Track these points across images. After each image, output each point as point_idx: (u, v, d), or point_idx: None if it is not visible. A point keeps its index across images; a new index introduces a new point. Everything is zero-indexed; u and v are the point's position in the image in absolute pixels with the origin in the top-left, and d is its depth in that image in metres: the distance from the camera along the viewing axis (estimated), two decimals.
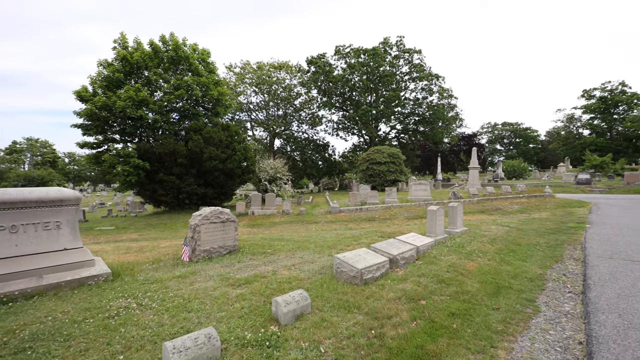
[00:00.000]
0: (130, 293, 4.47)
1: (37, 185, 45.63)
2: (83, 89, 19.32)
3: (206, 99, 22.84)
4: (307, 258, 6.42)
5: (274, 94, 38.62)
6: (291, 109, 41.04)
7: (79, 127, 19.47)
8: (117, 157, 19.16)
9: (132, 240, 11.86)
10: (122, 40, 20.84)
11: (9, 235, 4.64)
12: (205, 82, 21.85)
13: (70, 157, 67.33)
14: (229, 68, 38.96)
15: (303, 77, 38.44)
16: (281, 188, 24.37)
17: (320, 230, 12.27)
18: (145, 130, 21.48)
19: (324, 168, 40.58)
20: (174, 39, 21.85)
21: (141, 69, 20.98)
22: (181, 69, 22.82)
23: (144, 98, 19.25)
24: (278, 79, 38.73)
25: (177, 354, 2.60)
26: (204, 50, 23.52)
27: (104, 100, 18.40)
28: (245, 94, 38.85)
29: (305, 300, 3.69)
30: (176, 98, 21.05)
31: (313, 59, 36.21)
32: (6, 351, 3.05)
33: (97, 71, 20.39)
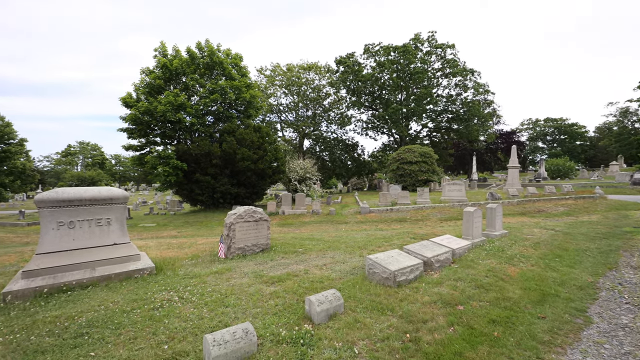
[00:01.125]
0: (172, 287, 4.74)
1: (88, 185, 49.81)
2: (128, 96, 20.79)
3: (239, 102, 23.61)
4: (338, 258, 6.42)
5: (303, 95, 39.03)
6: (320, 109, 41.24)
7: (124, 130, 20.98)
8: (158, 159, 20.41)
9: (171, 237, 12.57)
10: (162, 48, 22.15)
11: (68, 231, 5.11)
12: (238, 85, 22.59)
13: (116, 159, 72.79)
14: (260, 71, 39.99)
15: (332, 77, 38.47)
16: (310, 188, 24.58)
17: (350, 231, 12.21)
18: (183, 133, 22.66)
19: (352, 168, 40.33)
20: (209, 45, 22.82)
21: (179, 75, 22.15)
22: (216, 74, 23.78)
23: (182, 102, 20.31)
24: (307, 80, 39.10)
25: (217, 346, 2.71)
26: (236, 55, 24.33)
27: (147, 106, 19.67)
28: (275, 96, 39.67)
29: (338, 300, 3.70)
30: (211, 102, 21.99)
31: (342, 59, 36.12)
32: (68, 335, 3.36)
33: (140, 78, 21.84)
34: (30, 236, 14.31)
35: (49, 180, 59.19)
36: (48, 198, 4.93)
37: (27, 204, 35.19)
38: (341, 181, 47.90)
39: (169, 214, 22.50)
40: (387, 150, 40.69)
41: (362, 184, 42.50)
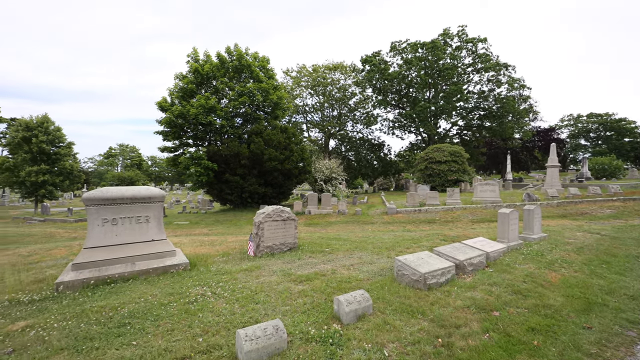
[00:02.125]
0: (205, 282, 4.94)
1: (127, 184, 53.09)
2: (163, 100, 21.91)
3: (266, 104, 24.10)
4: (365, 259, 6.36)
5: (329, 95, 39.08)
6: (345, 109, 41.08)
7: (160, 133, 22.14)
8: (190, 160, 21.35)
9: (203, 234, 13.08)
10: (194, 54, 23.12)
11: (111, 227, 5.48)
12: (265, 87, 23.06)
13: (152, 160, 77.01)
14: (286, 73, 40.54)
15: (357, 77, 38.19)
16: (336, 188, 24.56)
17: (377, 231, 12.06)
18: (213, 135, 23.52)
19: (379, 168, 39.79)
20: (238, 49, 23.50)
21: (210, 79, 23.01)
22: (244, 77, 24.44)
23: (213, 105, 21.08)
24: (333, 80, 39.10)
25: (249, 341, 2.79)
26: (263, 58, 24.84)
27: (180, 109, 20.63)
28: (301, 97, 40.05)
29: (367, 301, 3.67)
30: (240, 104, 22.63)
31: (368, 58, 35.75)
32: (112, 324, 3.60)
33: (175, 83, 22.94)
34: (77, 231, 15.49)
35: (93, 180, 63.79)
36: (94, 196, 5.31)
37: (74, 202, 38.16)
38: (367, 181, 47.45)
39: (200, 212, 23.43)
40: (415, 150, 39.74)
41: (388, 184, 41.83)
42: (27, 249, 9.56)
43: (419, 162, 27.49)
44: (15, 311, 4.28)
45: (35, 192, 25.56)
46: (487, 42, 33.41)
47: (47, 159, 25.97)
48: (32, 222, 20.11)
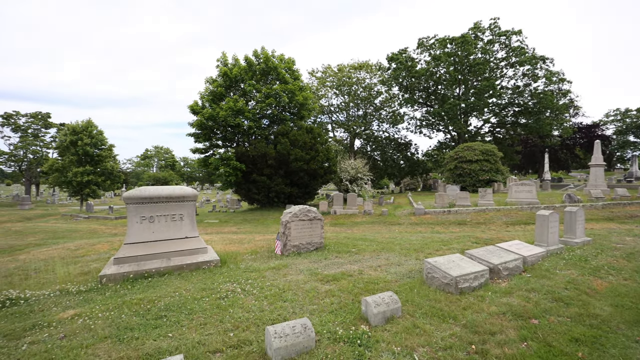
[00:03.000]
0: (235, 279, 5.09)
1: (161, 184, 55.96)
2: (195, 104, 22.85)
3: (292, 104, 24.40)
4: (392, 260, 6.26)
5: (354, 95, 38.82)
6: (371, 108, 40.60)
7: (192, 135, 23.11)
8: (220, 160, 22.10)
9: (232, 232, 13.48)
10: (223, 58, 23.90)
11: (149, 224, 5.80)
12: (291, 88, 23.35)
13: (184, 161, 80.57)
14: (312, 73, 40.77)
15: (383, 75, 37.60)
16: (362, 188, 24.34)
17: (404, 232, 11.81)
18: (241, 136, 24.18)
19: (405, 167, 38.93)
20: (265, 52, 23.98)
21: (238, 82, 23.68)
22: (270, 79, 24.90)
23: (241, 107, 21.68)
24: (358, 79, 38.79)
25: (278, 338, 2.84)
26: (289, 60, 25.16)
27: (210, 112, 21.41)
28: (326, 97, 40.09)
29: (396, 303, 3.60)
30: (266, 106, 23.09)
31: (394, 55, 35.09)
32: (150, 316, 3.81)
33: (205, 87, 23.85)
34: (117, 228, 16.55)
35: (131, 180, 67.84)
36: (134, 195, 5.65)
37: (115, 200, 40.80)
38: (393, 181, 46.60)
39: (229, 211, 24.17)
40: (444, 149, 38.47)
41: (415, 184, 40.82)
42: (74, 244, 10.36)
43: (448, 162, 26.57)
44: (65, 300, 4.65)
45: (81, 191, 27.62)
46: (522, 34, 31.61)
47: (91, 161, 27.98)
48: (78, 219, 21.75)
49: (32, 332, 3.53)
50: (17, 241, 12.38)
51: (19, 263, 7.54)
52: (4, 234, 14.09)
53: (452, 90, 34.82)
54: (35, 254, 8.87)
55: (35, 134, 45.92)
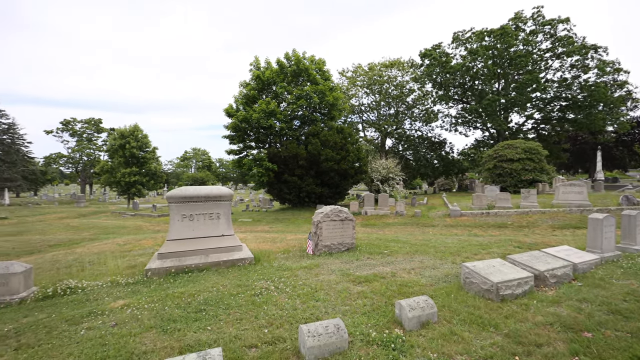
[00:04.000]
0: (268, 277, 5.22)
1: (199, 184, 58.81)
2: (230, 107, 23.76)
3: (322, 105, 24.52)
4: (427, 263, 6.06)
5: (385, 93, 38.14)
6: (403, 106, 39.65)
7: (227, 137, 24.05)
8: (253, 161, 22.79)
9: (264, 231, 13.83)
10: (256, 62, 24.61)
11: (189, 222, 6.12)
12: (322, 89, 23.47)
13: (220, 162, 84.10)
14: (342, 73, 40.67)
15: (416, 72, 36.54)
16: (393, 188, 23.84)
17: (438, 235, 11.39)
18: (273, 137, 24.74)
19: (439, 167, 37.52)
20: (296, 54, 24.34)
21: (270, 84, 24.25)
22: (301, 80, 25.21)
23: (273, 109, 22.18)
24: (389, 77, 38.06)
25: (311, 337, 2.87)
26: (320, 60, 25.31)
27: (244, 114, 22.14)
28: (356, 96, 39.78)
29: (431, 308, 3.49)
30: (298, 107, 23.42)
31: (427, 51, 33.97)
32: (190, 309, 4.02)
33: (239, 91, 24.70)
34: (160, 225, 17.65)
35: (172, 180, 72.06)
36: (175, 195, 6.00)
37: (157, 199, 43.54)
38: (426, 181, 45.15)
39: (261, 210, 24.83)
40: (481, 147, 36.55)
41: (450, 185, 39.21)
42: (122, 239, 11.22)
43: (486, 161, 25.21)
44: (115, 291, 5.05)
45: (128, 191, 29.84)
46: (570, 22, 29.15)
47: (137, 162, 30.11)
48: (126, 216, 23.51)
49: (88, 319, 3.87)
50: (74, 235, 13.66)
51: (76, 256, 8.32)
52: (64, 229, 15.60)
53: (491, 86, 32.99)
54: (90, 247, 9.73)
55: (89, 138, 50.43)
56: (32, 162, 41.64)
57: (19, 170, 35.61)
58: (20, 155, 36.87)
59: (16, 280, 4.83)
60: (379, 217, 16.90)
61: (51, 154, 51.33)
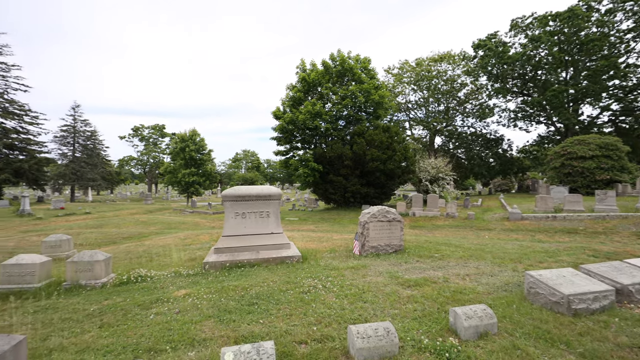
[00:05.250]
0: (316, 275, 5.30)
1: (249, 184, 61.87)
2: (277, 109, 24.62)
3: (368, 104, 24.23)
4: (483, 269, 5.65)
5: (434, 89, 36.37)
6: (454, 102, 37.44)
7: (274, 139, 24.97)
8: (299, 162, 23.36)
9: (310, 230, 14.07)
10: (302, 65, 25.16)
11: (241, 220, 6.47)
12: (367, 88, 23.19)
13: (267, 163, 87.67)
14: (387, 71, 39.69)
15: (468, 65, 34.26)
16: (444, 189, 22.65)
17: (495, 239, 10.55)
18: (319, 138, 25.09)
19: (496, 166, 34.70)
20: (341, 54, 24.38)
21: (316, 86, 24.61)
22: (347, 80, 25.18)
23: (319, 110, 22.49)
24: (439, 72, 36.22)
25: (361, 339, 2.84)
26: (365, 59, 25.03)
27: (291, 116, 22.79)
28: (403, 94, 38.54)
29: (490, 318, 3.24)
30: (343, 107, 23.44)
31: (481, 42, 31.62)
32: (244, 302, 4.24)
33: (286, 93, 25.48)
34: (214, 222, 18.92)
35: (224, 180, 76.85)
36: (229, 194, 6.38)
37: (212, 198, 46.73)
38: (480, 181, 42.12)
39: (307, 210, 25.31)
40: (545, 144, 33.04)
41: (508, 185, 36.12)
42: (183, 234, 12.25)
43: (552, 159, 22.73)
44: (178, 281, 5.53)
45: (187, 190, 32.48)
46: None
47: (195, 164, 32.64)
48: (185, 213, 25.64)
49: (156, 305, 4.30)
50: (143, 229, 15.26)
51: (145, 248, 9.28)
52: (135, 224, 17.51)
53: (557, 75, 29.65)
54: (156, 240, 10.79)
55: (154, 143, 56.07)
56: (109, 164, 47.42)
57: (99, 172, 40.82)
58: (100, 159, 42.23)
59: (99, 267, 5.54)
60: (427, 218, 16.18)
61: (124, 157, 58.00)
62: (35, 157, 31.66)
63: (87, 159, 39.39)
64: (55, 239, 8.71)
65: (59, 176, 37.36)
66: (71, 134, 39.22)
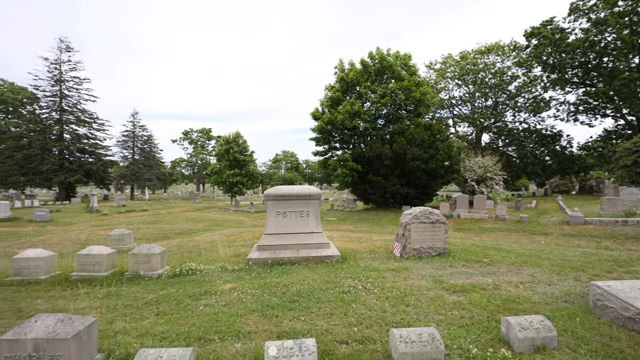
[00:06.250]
0: (356, 276, 5.26)
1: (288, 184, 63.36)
2: (316, 110, 24.88)
3: (408, 102, 23.53)
4: (539, 277, 5.19)
5: (481, 83, 34.19)
6: (503, 96, 34.88)
7: (313, 139, 25.28)
8: (338, 162, 23.38)
9: (349, 230, 14.01)
10: (340, 65, 25.15)
11: (282, 219, 6.64)
12: (408, 85, 22.51)
13: (306, 163, 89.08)
14: (429, 66, 38.16)
15: (520, 56, 31.67)
16: (492, 189, 21.19)
17: (553, 245, 9.63)
18: (357, 138, 24.91)
19: (553, 165, 31.64)
20: (380, 52, 23.94)
21: (354, 85, 24.46)
22: (386, 78, 24.68)
23: (357, 110, 22.32)
24: (486, 64, 33.99)
25: (404, 343, 2.76)
26: (405, 55, 24.32)
27: (329, 117, 22.90)
28: (446, 90, 36.80)
29: (549, 330, 2.96)
30: (382, 105, 23.01)
31: (534, 30, 29.00)
32: (285, 299, 4.35)
33: (324, 94, 25.66)
34: (256, 220, 19.65)
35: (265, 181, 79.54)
36: (271, 193, 6.59)
37: (254, 197, 48.63)
38: (535, 182, 38.77)
39: (345, 210, 25.24)
40: (613, 139, 29.39)
41: (568, 186, 32.74)
42: (228, 231, 12.89)
43: (622, 156, 20.11)
44: (224, 275, 5.83)
45: (232, 189, 34.17)
46: None
47: (238, 165, 34.23)
48: (229, 212, 26.98)
49: (205, 297, 4.57)
50: (192, 226, 16.34)
51: (194, 243, 9.94)
52: (185, 221, 18.82)
53: (627, 61, 26.19)
54: (204, 237, 11.49)
55: (202, 145, 59.88)
56: (163, 166, 51.55)
57: (155, 172, 44.59)
58: (155, 161, 46.13)
59: (155, 260, 6.04)
60: (474, 221, 15.26)
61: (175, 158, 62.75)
62: (101, 160, 35.49)
63: (144, 161, 43.24)
64: (119, 233, 9.67)
65: (121, 177, 41.55)
66: (131, 139, 43.36)
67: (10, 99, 36.58)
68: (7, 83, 39.41)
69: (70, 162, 32.85)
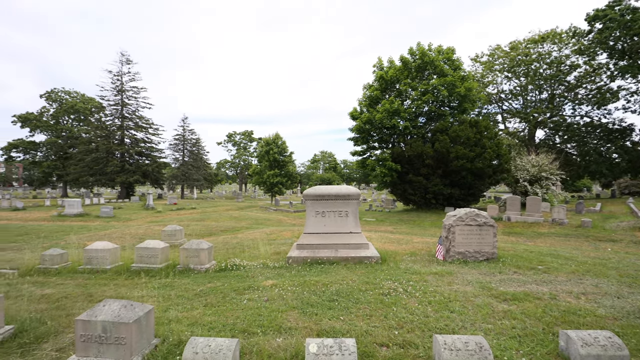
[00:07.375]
0: (396, 278, 5.14)
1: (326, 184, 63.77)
2: (354, 110, 24.73)
3: (452, 98, 22.42)
4: (605, 288, 4.65)
5: (534, 75, 31.38)
6: (561, 88, 31.69)
7: (351, 139, 25.16)
8: (376, 162, 23.00)
9: (388, 232, 13.72)
10: (379, 63, 24.73)
11: (321, 218, 6.71)
12: (451, 80, 21.44)
13: (344, 163, 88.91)
14: (475, 59, 35.90)
15: (581, 42, 28.55)
16: (548, 190, 19.40)
17: (622, 253, 8.55)
18: (397, 137, 24.31)
19: (622, 163, 28.07)
20: (420, 48, 23.10)
21: (394, 83, 23.88)
22: (427, 74, 23.77)
23: (397, 108, 21.77)
24: (540, 54, 31.13)
25: (449, 350, 2.65)
26: (448, 49, 23.20)
27: (368, 116, 22.63)
28: (494, 83, 34.36)
29: (619, 349, 2.65)
30: (423, 103, 22.20)
31: (598, 13, 25.94)
32: (324, 297, 4.39)
33: (362, 93, 25.40)
34: (295, 220, 20.06)
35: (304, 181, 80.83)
36: (310, 193, 6.69)
37: (292, 197, 49.67)
38: (599, 182, 34.71)
39: (384, 211, 24.75)
40: None
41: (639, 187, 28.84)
42: (268, 229, 13.33)
43: None
44: (266, 272, 6.04)
45: (272, 189, 35.29)
46: None
47: (278, 165, 35.25)
48: (269, 211, 27.86)
49: (248, 292, 4.78)
50: (235, 224, 17.15)
51: (238, 240, 10.42)
52: (229, 219, 19.82)
53: None
54: (246, 234, 12.00)
55: (244, 147, 62.59)
56: (209, 167, 54.81)
57: (202, 173, 47.62)
58: (203, 162, 49.26)
59: (203, 255, 6.44)
60: (527, 224, 14.09)
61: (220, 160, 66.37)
62: (156, 162, 38.73)
63: (193, 163, 46.37)
64: (171, 229, 10.47)
65: (173, 177, 44.98)
66: (181, 142, 46.73)
67: (82, 108, 41.38)
68: (79, 95, 44.63)
69: (130, 164, 36.33)
